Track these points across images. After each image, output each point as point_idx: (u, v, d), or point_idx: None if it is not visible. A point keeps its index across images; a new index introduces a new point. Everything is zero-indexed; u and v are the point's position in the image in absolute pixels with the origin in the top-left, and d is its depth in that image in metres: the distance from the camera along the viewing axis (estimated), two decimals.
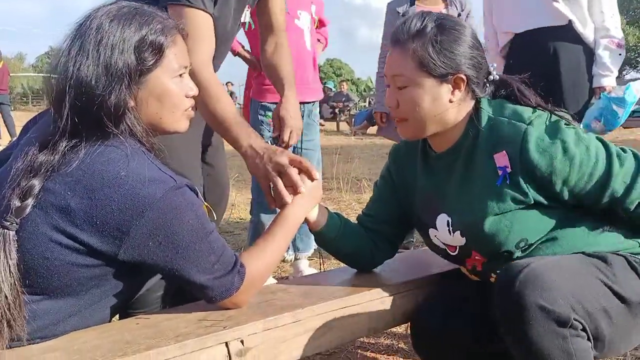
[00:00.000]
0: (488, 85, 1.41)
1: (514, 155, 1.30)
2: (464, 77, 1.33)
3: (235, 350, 1.17)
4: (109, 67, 1.11)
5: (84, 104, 1.10)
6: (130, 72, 1.13)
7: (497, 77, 1.41)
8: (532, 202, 1.31)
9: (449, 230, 1.42)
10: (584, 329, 1.18)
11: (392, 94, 1.37)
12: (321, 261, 2.91)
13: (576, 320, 1.16)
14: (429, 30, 1.32)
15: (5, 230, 1.03)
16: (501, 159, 1.31)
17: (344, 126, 16.25)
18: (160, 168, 1.13)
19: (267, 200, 1.45)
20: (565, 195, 1.30)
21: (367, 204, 1.66)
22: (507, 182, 1.31)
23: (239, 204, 4.90)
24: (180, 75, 1.22)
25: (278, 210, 1.42)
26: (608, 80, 2.51)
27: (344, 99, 16.42)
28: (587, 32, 2.51)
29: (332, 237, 1.53)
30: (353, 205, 4.95)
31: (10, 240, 1.03)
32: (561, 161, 1.27)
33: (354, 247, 1.56)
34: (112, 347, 1.07)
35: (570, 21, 2.49)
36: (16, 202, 1.04)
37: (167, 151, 1.24)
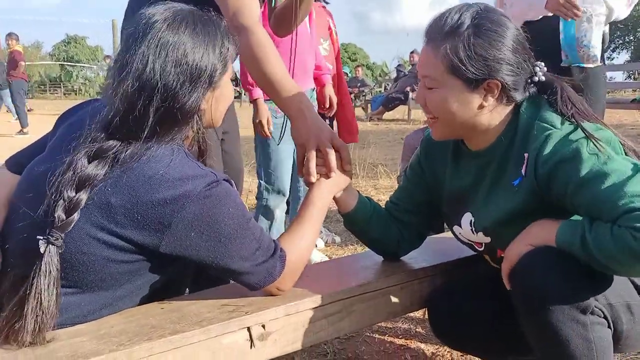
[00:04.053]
0: (531, 86, 1.32)
1: (532, 157, 1.23)
2: (498, 83, 1.25)
3: (257, 334, 1.20)
4: (193, 73, 1.13)
5: (167, 109, 1.12)
6: (212, 77, 1.17)
7: (543, 78, 1.31)
8: (551, 206, 1.23)
9: (472, 229, 1.40)
10: (605, 317, 1.16)
11: (421, 92, 1.33)
12: None
13: (597, 307, 1.14)
14: (463, 30, 1.23)
15: (51, 245, 1.03)
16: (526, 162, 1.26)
17: (359, 112, 16.18)
18: (200, 165, 1.16)
19: (297, 167, 1.46)
20: (569, 204, 1.18)
21: (394, 192, 1.64)
22: (524, 184, 1.25)
23: (255, 190, 4.91)
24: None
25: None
26: None
27: (359, 85, 16.31)
28: None
29: (360, 220, 1.53)
30: (369, 192, 4.95)
31: (54, 255, 1.03)
32: (570, 164, 1.16)
33: (381, 233, 1.55)
34: (138, 332, 1.09)
35: None
36: (62, 215, 1.04)
37: None
